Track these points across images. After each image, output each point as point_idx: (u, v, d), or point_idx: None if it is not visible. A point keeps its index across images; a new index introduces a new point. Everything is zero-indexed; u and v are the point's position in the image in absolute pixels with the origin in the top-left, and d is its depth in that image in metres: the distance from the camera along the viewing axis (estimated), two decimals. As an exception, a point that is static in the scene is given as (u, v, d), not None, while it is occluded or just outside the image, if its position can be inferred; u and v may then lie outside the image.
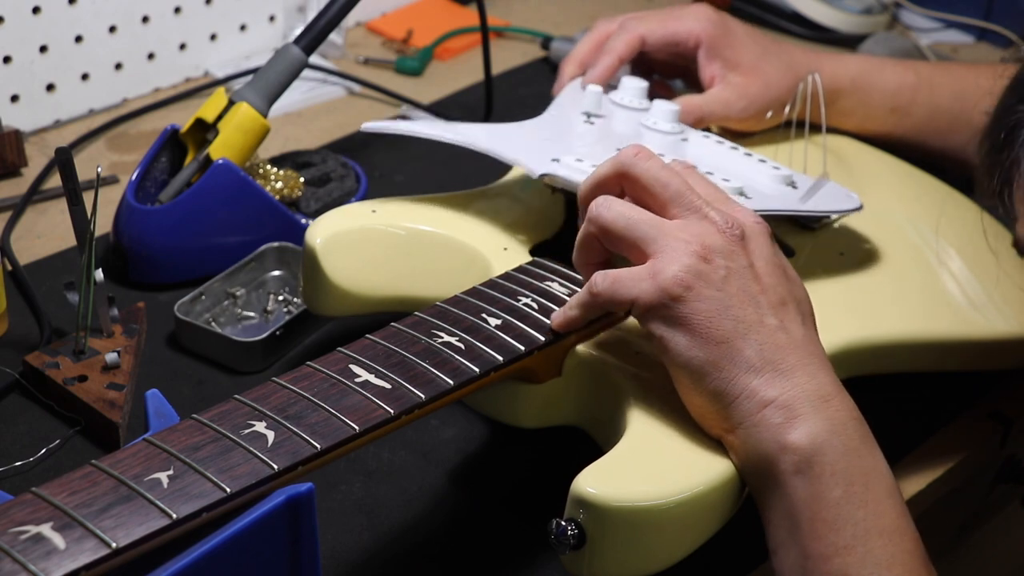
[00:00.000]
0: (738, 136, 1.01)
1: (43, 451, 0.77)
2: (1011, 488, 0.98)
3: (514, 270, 0.77)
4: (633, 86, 0.96)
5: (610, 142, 0.88)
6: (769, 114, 0.99)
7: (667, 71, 1.05)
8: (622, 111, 0.95)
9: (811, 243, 0.89)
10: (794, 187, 0.86)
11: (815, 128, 1.00)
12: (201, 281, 0.89)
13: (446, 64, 1.27)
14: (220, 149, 0.92)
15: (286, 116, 1.14)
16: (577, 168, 0.80)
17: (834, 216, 0.92)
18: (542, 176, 0.80)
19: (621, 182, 0.70)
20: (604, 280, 0.67)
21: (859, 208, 0.85)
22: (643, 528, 0.63)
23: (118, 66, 1.12)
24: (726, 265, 0.65)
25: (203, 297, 0.88)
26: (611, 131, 0.91)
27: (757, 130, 1.02)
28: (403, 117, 0.85)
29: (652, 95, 0.96)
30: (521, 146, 0.83)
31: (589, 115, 0.92)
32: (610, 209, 0.68)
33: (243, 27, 1.20)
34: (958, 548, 1.03)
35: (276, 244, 0.92)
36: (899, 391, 0.87)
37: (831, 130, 1.02)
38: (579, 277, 0.76)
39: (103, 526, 0.51)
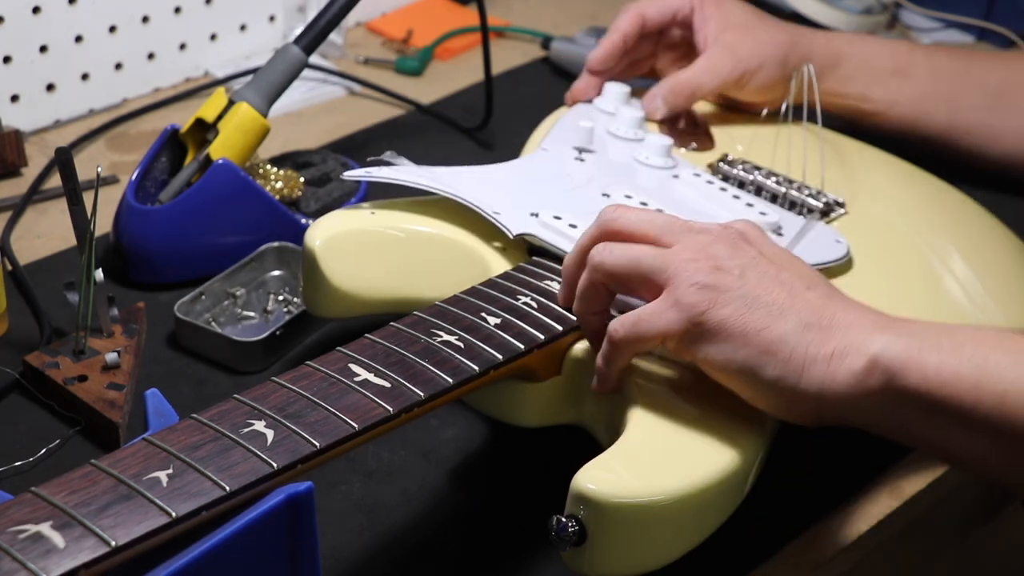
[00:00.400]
0: (737, 122, 1.01)
1: (43, 451, 0.77)
2: (1011, 488, 0.98)
3: (513, 269, 0.77)
4: (630, 116, 0.97)
5: (596, 185, 0.88)
6: (762, 79, 0.99)
7: (671, 53, 1.05)
8: (617, 142, 0.95)
9: (811, 242, 0.89)
10: (779, 234, 0.86)
11: (813, 122, 1.00)
12: (201, 281, 0.89)
13: (446, 64, 1.27)
14: (220, 149, 0.92)
15: (286, 116, 1.14)
16: (553, 226, 0.80)
17: (835, 215, 0.92)
18: (519, 236, 0.79)
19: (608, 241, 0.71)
20: (623, 326, 0.67)
21: (844, 258, 0.85)
22: (643, 524, 0.63)
23: (118, 66, 1.13)
24: (738, 264, 0.66)
25: (203, 297, 0.88)
26: (600, 168, 0.91)
27: (759, 102, 1.02)
28: (385, 163, 0.84)
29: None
30: (503, 196, 0.82)
31: (581, 151, 0.92)
32: (611, 253, 0.68)
33: (243, 27, 1.20)
34: (958, 548, 1.03)
35: (276, 244, 0.92)
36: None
37: (829, 125, 1.02)
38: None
39: (102, 525, 0.51)
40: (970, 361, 0.62)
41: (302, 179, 0.99)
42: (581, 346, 0.73)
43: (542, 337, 0.70)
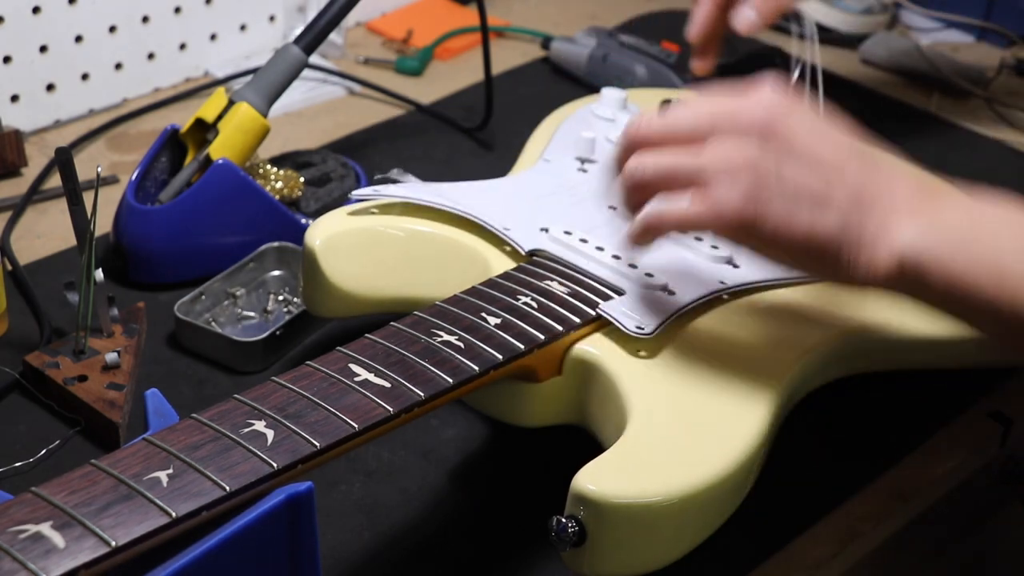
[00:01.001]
0: None
1: (43, 451, 0.77)
2: (1011, 488, 0.98)
3: (513, 270, 0.77)
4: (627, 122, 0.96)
5: (601, 197, 0.88)
6: None
7: None
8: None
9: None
10: None
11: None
12: (201, 281, 0.89)
13: (446, 64, 1.27)
14: (220, 149, 0.92)
15: (286, 116, 1.14)
16: (563, 241, 0.80)
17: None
18: (531, 252, 0.79)
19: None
20: (671, 212, 0.68)
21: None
22: (643, 525, 0.63)
23: (118, 66, 1.13)
24: (773, 160, 0.65)
25: (203, 297, 0.89)
26: (603, 178, 0.90)
27: None
28: (392, 180, 0.84)
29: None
30: (511, 212, 0.83)
31: (583, 161, 0.92)
32: (644, 168, 0.68)
33: (243, 27, 1.20)
34: (958, 548, 1.03)
35: (276, 244, 0.92)
36: (899, 391, 0.87)
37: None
38: (579, 276, 0.76)
39: (102, 525, 0.51)
40: (989, 257, 0.64)
41: (302, 179, 0.99)
42: (581, 346, 0.73)
43: (542, 337, 0.70)
